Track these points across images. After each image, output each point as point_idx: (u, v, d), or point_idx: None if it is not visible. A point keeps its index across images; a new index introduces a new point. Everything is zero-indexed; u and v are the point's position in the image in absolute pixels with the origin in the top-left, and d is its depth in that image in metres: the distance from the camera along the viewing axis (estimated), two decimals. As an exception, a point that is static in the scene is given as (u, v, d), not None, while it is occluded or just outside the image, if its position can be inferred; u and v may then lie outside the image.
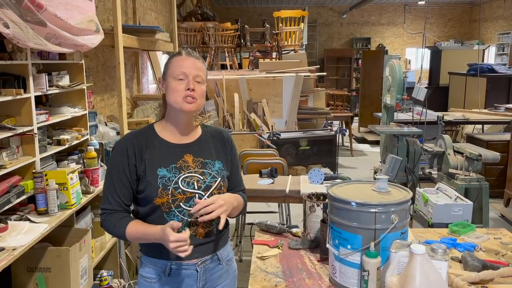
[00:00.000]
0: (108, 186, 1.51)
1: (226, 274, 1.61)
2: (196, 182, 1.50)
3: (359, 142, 8.70)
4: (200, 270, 1.53)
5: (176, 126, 1.55)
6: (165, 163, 1.49)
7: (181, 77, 1.49)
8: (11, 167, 2.18)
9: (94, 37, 2.80)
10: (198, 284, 1.53)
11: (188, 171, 1.50)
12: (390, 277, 1.31)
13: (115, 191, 1.49)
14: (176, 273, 1.51)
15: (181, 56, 1.52)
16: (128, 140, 1.52)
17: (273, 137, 4.91)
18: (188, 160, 1.52)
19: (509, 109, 6.38)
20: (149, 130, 1.56)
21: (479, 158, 3.67)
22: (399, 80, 4.24)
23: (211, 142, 1.61)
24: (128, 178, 1.48)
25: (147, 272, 1.53)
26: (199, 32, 7.77)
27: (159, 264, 1.51)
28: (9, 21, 1.97)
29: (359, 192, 1.56)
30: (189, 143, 1.56)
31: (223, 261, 1.60)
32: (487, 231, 2.07)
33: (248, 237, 3.81)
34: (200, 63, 1.55)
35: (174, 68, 1.50)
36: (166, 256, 1.49)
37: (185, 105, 1.48)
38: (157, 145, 1.52)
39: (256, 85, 6.49)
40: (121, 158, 1.49)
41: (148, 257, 1.54)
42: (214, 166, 1.56)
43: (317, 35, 14.24)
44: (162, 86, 1.56)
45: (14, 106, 2.32)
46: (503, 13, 12.09)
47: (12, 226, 2.09)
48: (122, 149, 1.50)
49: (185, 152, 1.53)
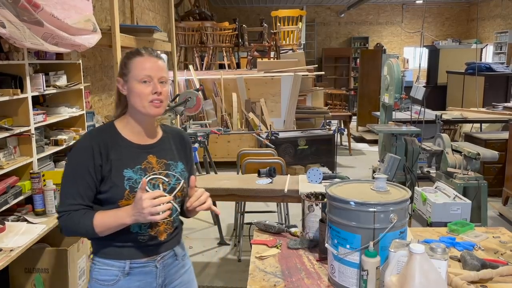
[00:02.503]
0: (68, 186, 1.42)
1: (182, 269, 1.63)
2: (161, 184, 1.48)
3: (358, 141, 8.71)
4: (160, 266, 1.52)
5: (138, 127, 1.51)
6: (131, 164, 1.45)
7: (145, 80, 1.43)
8: (8, 167, 2.17)
9: (91, 36, 2.80)
10: (157, 280, 1.52)
11: (153, 172, 1.48)
12: (389, 277, 1.31)
13: (78, 192, 1.40)
14: (136, 272, 1.48)
15: (142, 56, 1.46)
16: (93, 138, 1.45)
17: (272, 137, 4.91)
18: (152, 161, 1.49)
19: (507, 107, 6.39)
20: (110, 129, 1.50)
21: (478, 157, 3.67)
22: (397, 79, 4.24)
23: (173, 143, 1.59)
24: (93, 178, 1.41)
25: (102, 275, 1.47)
26: (197, 32, 7.77)
27: (117, 265, 1.47)
28: (6, 21, 1.96)
29: (358, 191, 1.56)
30: (152, 144, 1.53)
31: (179, 256, 1.61)
32: (486, 230, 2.06)
33: (246, 237, 3.81)
34: (162, 62, 1.49)
35: (138, 70, 1.44)
36: (125, 256, 1.46)
37: (152, 109, 1.45)
38: (121, 145, 1.47)
39: (254, 85, 6.49)
40: (86, 157, 1.41)
41: (104, 259, 1.47)
42: (177, 168, 1.54)
43: (315, 35, 14.24)
44: (122, 86, 1.48)
45: (11, 106, 2.31)
46: (501, 11, 12.11)
47: (9, 227, 2.08)
48: (87, 148, 1.42)
49: (148, 153, 1.50)
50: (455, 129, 7.23)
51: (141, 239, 1.47)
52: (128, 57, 1.48)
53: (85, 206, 1.42)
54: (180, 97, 4.06)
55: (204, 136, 4.08)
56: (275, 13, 8.30)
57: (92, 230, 1.38)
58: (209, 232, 4.26)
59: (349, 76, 13.84)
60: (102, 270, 1.47)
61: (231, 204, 4.09)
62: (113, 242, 1.45)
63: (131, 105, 1.48)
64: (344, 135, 7.52)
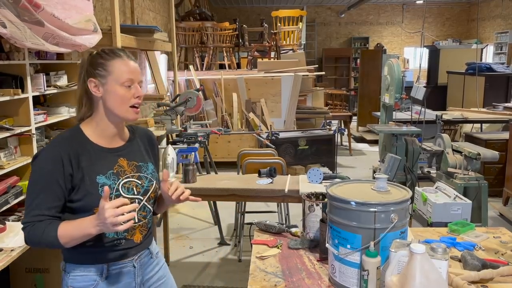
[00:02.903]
0: (34, 197, 1.34)
1: (157, 266, 1.64)
2: (135, 187, 1.47)
3: (358, 142, 8.71)
4: (137, 265, 1.52)
5: (109, 130, 1.46)
6: (103, 170, 1.41)
7: (128, 84, 1.40)
8: (9, 167, 2.17)
9: (92, 37, 2.80)
10: (136, 280, 1.53)
11: (125, 176, 1.45)
12: (390, 277, 1.31)
13: (44, 203, 1.33)
14: (114, 274, 1.46)
15: (121, 58, 1.42)
16: (61, 146, 1.37)
17: (272, 137, 4.91)
18: (123, 165, 1.47)
19: (508, 108, 6.38)
20: (78, 134, 1.43)
21: (478, 157, 3.67)
22: (398, 79, 4.24)
23: (141, 143, 1.57)
24: (62, 188, 1.35)
25: (79, 282, 1.43)
26: (197, 32, 7.77)
27: (94, 269, 1.43)
28: (6, 20, 1.97)
29: (359, 191, 1.56)
30: (121, 147, 1.49)
31: (153, 254, 1.62)
32: (487, 230, 2.06)
33: (247, 237, 3.81)
34: (138, 65, 1.48)
35: (120, 73, 1.39)
36: (102, 260, 1.44)
37: (132, 114, 1.43)
38: (91, 151, 1.42)
39: (255, 85, 6.49)
40: (54, 167, 1.34)
41: (79, 266, 1.44)
42: (148, 169, 1.54)
43: (315, 35, 14.24)
44: (97, 88, 1.41)
45: (12, 106, 2.31)
46: (501, 12, 12.11)
47: (10, 227, 2.08)
48: (55, 157, 1.35)
49: (118, 156, 1.47)
50: (456, 129, 7.23)
51: (117, 243, 1.46)
52: (103, 58, 1.42)
53: (51, 217, 1.35)
54: (180, 97, 4.06)
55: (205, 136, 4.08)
56: (276, 13, 8.31)
57: (56, 241, 1.32)
58: (210, 232, 4.26)
59: (350, 76, 13.84)
60: (78, 277, 1.44)
61: (231, 204, 4.09)
62: (89, 247, 1.41)
63: (106, 108, 1.43)
64: (344, 135, 7.53)
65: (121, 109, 1.41)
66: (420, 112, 4.64)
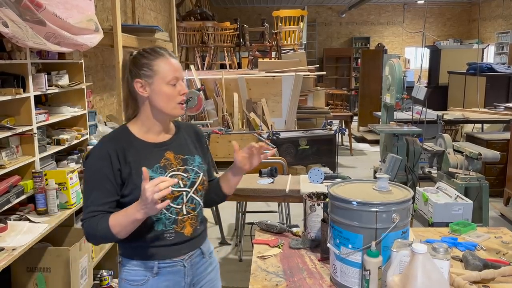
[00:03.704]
0: (88, 195, 1.41)
1: (210, 267, 1.63)
2: (181, 180, 1.49)
3: (359, 142, 8.70)
4: (187, 265, 1.53)
5: (154, 126, 1.50)
6: (149, 164, 1.44)
7: (174, 83, 1.44)
8: (11, 166, 2.18)
9: (93, 36, 2.80)
10: (185, 279, 1.53)
11: (172, 169, 1.48)
12: (392, 277, 1.31)
13: (97, 200, 1.39)
14: (164, 272, 1.49)
15: (165, 57, 1.45)
16: (108, 144, 1.44)
17: (273, 137, 4.91)
18: (170, 158, 1.50)
19: (509, 108, 6.37)
20: (124, 132, 1.49)
21: (479, 157, 3.67)
22: (399, 79, 4.24)
23: (187, 137, 1.60)
24: (113, 184, 1.40)
25: (132, 275, 1.48)
26: (198, 32, 7.77)
27: (145, 265, 1.47)
28: (8, 20, 1.97)
29: (360, 191, 1.56)
30: (167, 141, 1.53)
31: (206, 254, 1.62)
32: (488, 230, 2.06)
33: (248, 236, 3.81)
34: (178, 61, 1.51)
35: (166, 72, 1.43)
36: (153, 257, 1.47)
37: (178, 111, 1.47)
38: (138, 147, 1.46)
39: (256, 85, 6.49)
40: (103, 164, 1.40)
41: (132, 260, 1.48)
42: (194, 162, 1.55)
43: (316, 35, 14.24)
44: (143, 88, 1.44)
45: (14, 105, 2.31)
46: (502, 12, 12.10)
47: (11, 226, 2.08)
48: (104, 155, 1.41)
49: (165, 150, 1.50)
50: (457, 129, 7.22)
51: (168, 237, 1.47)
52: (147, 58, 1.45)
53: (105, 212, 1.39)
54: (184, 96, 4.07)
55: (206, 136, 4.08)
56: (276, 13, 8.31)
57: (109, 232, 1.36)
58: (211, 232, 4.25)
59: (350, 76, 13.84)
60: (131, 271, 1.48)
61: (232, 204, 4.09)
62: (141, 242, 1.45)
63: (152, 107, 1.47)
64: (345, 135, 7.53)
65: (169, 107, 1.45)
66: (421, 112, 4.64)
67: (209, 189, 1.64)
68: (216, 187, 1.66)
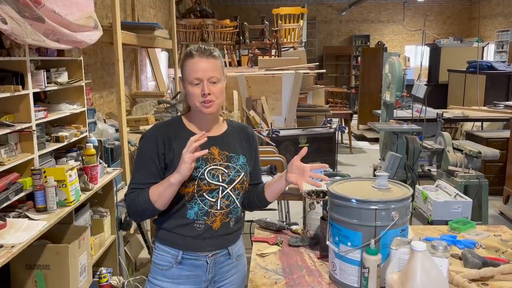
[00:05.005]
0: (135, 173, 1.54)
1: (235, 268, 1.63)
2: (220, 175, 1.54)
3: (358, 140, 8.70)
4: (210, 262, 1.55)
5: (202, 121, 1.58)
6: None
7: (196, 83, 1.50)
8: (10, 164, 2.17)
9: (92, 33, 2.79)
10: (207, 275, 1.56)
11: (213, 163, 1.54)
12: (391, 274, 1.31)
13: (141, 179, 1.52)
14: (187, 263, 1.54)
15: (193, 58, 1.51)
16: (157, 129, 1.56)
17: (272, 135, 4.91)
18: (214, 153, 1.56)
19: (509, 106, 6.37)
20: (177, 122, 1.60)
21: (479, 155, 3.67)
22: (399, 77, 4.24)
23: (237, 137, 1.64)
24: (157, 166, 1.52)
25: (159, 260, 1.57)
26: (198, 29, 7.75)
27: (171, 252, 1.55)
28: (7, 17, 1.96)
29: (359, 189, 1.56)
30: (216, 136, 1.59)
31: (233, 256, 1.61)
32: (487, 228, 2.06)
33: (247, 234, 3.80)
34: (213, 61, 1.52)
35: (188, 73, 1.51)
36: (178, 245, 1.54)
37: (203, 109, 1.52)
38: (185, 137, 1.50)
39: (255, 83, 6.48)
40: (150, 146, 1.53)
41: (161, 245, 1.57)
42: (238, 161, 1.59)
43: (316, 33, 14.22)
44: (184, 86, 1.58)
45: (12, 102, 2.30)
46: (502, 10, 12.09)
47: (10, 223, 2.08)
48: (152, 138, 1.54)
49: (211, 144, 1.55)
50: (456, 128, 7.22)
51: (197, 227, 1.52)
52: (184, 59, 1.55)
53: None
54: (181, 94, 4.06)
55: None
56: (276, 10, 8.29)
57: (148, 200, 1.46)
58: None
59: (350, 74, 13.83)
60: (159, 255, 1.57)
61: (231, 202, 4.08)
62: (171, 227, 1.54)
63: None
64: (345, 133, 7.53)
65: (194, 105, 1.53)
66: (421, 110, 4.64)
67: (253, 192, 1.68)
68: (260, 192, 1.68)
